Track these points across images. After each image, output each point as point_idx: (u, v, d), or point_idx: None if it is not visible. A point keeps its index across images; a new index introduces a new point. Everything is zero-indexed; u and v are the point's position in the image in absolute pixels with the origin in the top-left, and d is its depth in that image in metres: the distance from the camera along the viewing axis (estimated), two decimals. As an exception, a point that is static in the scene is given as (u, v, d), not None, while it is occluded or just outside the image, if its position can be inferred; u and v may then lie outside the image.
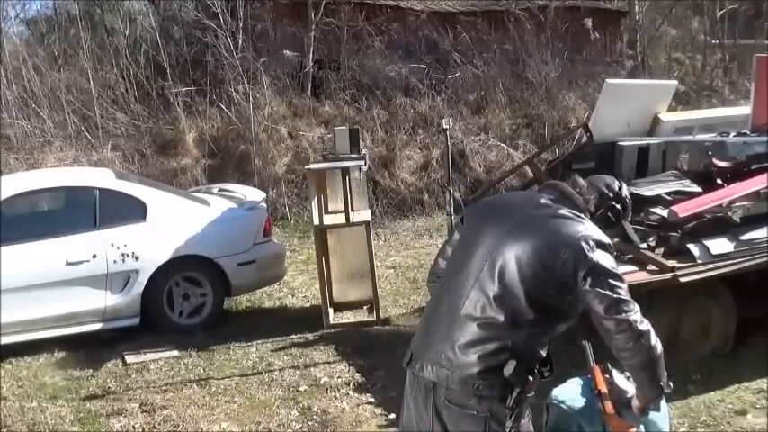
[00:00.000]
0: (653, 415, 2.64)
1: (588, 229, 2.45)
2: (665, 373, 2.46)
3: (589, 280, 2.36)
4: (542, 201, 2.57)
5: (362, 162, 6.15)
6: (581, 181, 2.68)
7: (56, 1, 13.80)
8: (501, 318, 2.38)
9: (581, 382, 2.76)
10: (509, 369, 2.33)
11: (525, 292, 2.38)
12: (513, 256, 2.42)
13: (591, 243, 2.39)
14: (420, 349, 2.52)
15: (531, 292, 2.38)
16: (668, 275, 4.48)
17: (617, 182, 2.73)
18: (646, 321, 2.39)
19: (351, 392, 4.98)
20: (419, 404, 2.48)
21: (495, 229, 2.52)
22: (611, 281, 2.37)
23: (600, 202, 2.64)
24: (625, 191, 2.73)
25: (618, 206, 2.67)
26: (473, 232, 2.60)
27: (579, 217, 2.51)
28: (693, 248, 4.68)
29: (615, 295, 2.35)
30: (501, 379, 2.34)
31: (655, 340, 2.39)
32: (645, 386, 2.48)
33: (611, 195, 2.67)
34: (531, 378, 2.39)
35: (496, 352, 2.35)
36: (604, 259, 2.39)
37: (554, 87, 12.51)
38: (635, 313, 2.37)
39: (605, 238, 2.45)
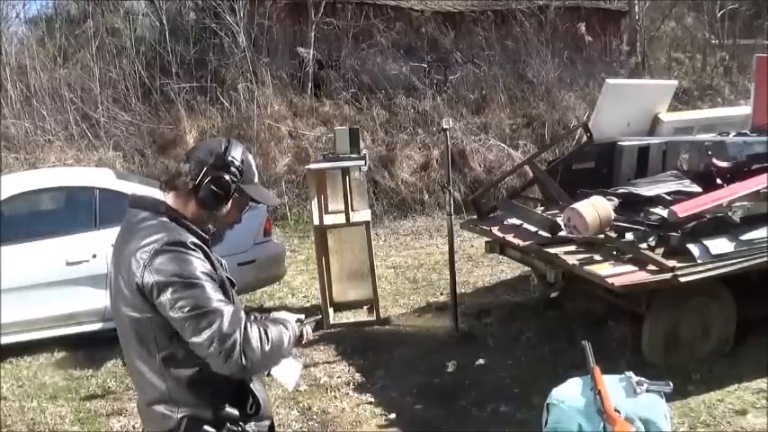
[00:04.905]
0: (653, 415, 2.64)
1: (149, 236, 2.03)
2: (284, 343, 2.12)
3: (162, 297, 1.98)
4: (127, 223, 2.16)
5: (363, 162, 6.14)
6: (181, 166, 2.16)
7: (56, 1, 13.84)
8: (146, 370, 2.08)
9: (581, 382, 2.75)
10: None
11: (142, 342, 2.06)
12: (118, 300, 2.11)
13: (146, 255, 1.99)
14: None
15: (145, 340, 2.05)
16: (668, 275, 4.46)
17: (224, 143, 2.18)
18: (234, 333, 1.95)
19: (351, 392, 4.97)
20: None
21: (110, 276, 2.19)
22: (181, 293, 1.97)
23: (199, 177, 2.11)
24: (235, 152, 2.16)
25: (226, 176, 2.13)
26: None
27: (148, 221, 2.10)
28: (693, 248, 4.67)
29: (192, 311, 1.96)
30: None
31: (255, 347, 1.97)
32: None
33: (213, 163, 2.12)
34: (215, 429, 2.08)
35: (166, 414, 2.07)
36: (168, 267, 1.98)
37: (554, 87, 12.53)
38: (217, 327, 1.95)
39: (170, 239, 2.02)
